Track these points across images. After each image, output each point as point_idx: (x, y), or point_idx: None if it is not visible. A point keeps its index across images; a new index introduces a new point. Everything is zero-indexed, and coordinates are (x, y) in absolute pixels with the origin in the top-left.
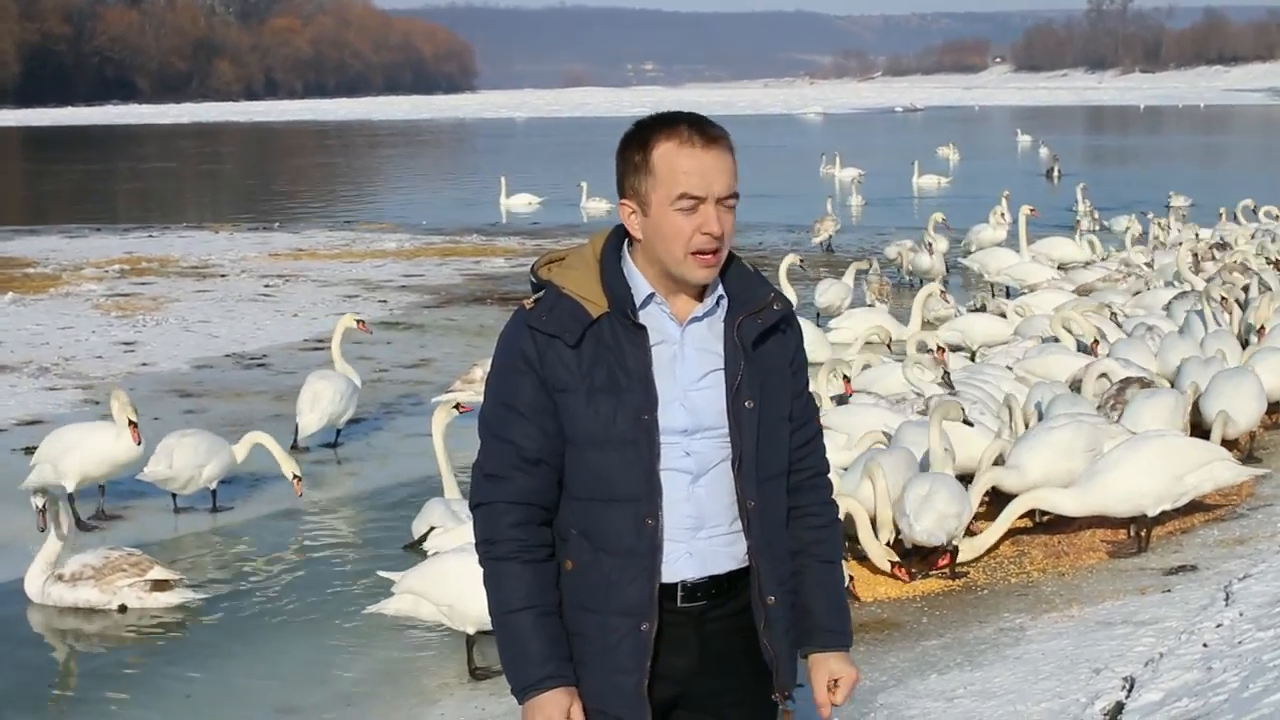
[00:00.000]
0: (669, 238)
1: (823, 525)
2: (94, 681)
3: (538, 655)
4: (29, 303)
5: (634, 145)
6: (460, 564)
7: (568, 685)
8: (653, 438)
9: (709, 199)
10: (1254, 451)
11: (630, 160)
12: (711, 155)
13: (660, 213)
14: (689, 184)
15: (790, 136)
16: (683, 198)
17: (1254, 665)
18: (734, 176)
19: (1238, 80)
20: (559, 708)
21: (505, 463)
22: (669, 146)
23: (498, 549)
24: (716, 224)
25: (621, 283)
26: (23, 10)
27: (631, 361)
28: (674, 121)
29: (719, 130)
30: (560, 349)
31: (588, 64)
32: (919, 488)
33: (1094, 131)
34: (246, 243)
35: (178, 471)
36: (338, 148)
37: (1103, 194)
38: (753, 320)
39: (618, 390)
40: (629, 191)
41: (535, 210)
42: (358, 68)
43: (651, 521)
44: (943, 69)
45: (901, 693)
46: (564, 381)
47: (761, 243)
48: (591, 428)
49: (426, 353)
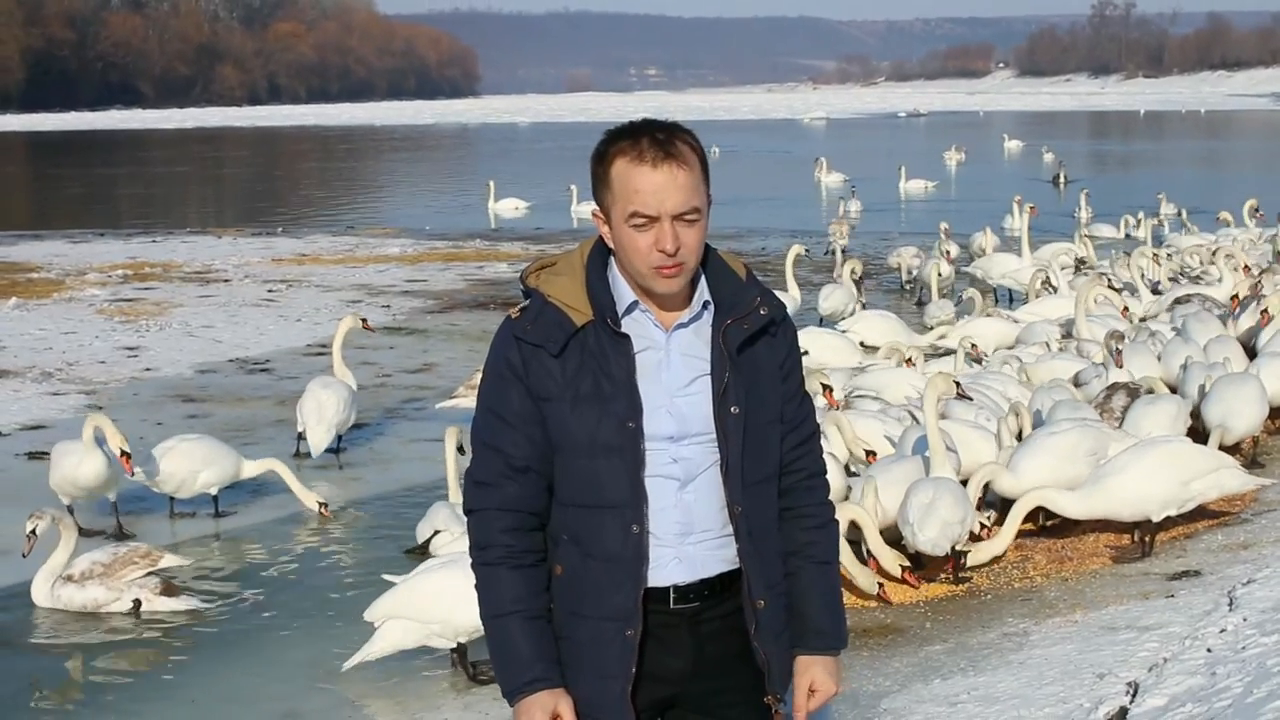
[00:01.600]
0: (629, 253)
1: (817, 526)
2: (97, 686)
3: (526, 657)
4: (32, 308)
5: (596, 158)
6: (444, 578)
7: (554, 687)
8: (637, 445)
9: (662, 217)
10: (1257, 457)
11: (594, 173)
12: (663, 173)
13: (619, 228)
14: (640, 203)
15: (793, 142)
16: (634, 215)
17: (1258, 670)
18: (691, 192)
19: (1241, 85)
20: (544, 710)
21: (495, 470)
22: (621, 164)
23: (489, 554)
24: (670, 242)
25: (605, 290)
26: (27, 15)
27: (615, 369)
28: (635, 134)
29: (679, 145)
30: (545, 358)
31: (591, 69)
32: (922, 494)
33: (1096, 137)
34: (250, 248)
35: (168, 475)
36: (341, 153)
37: (1110, 201)
38: (739, 325)
39: (602, 398)
40: (598, 203)
41: (522, 215)
42: (361, 73)
43: (637, 528)
44: (946, 74)
45: (905, 698)
46: (549, 390)
47: (764, 248)
48: (577, 436)
49: (429, 358)
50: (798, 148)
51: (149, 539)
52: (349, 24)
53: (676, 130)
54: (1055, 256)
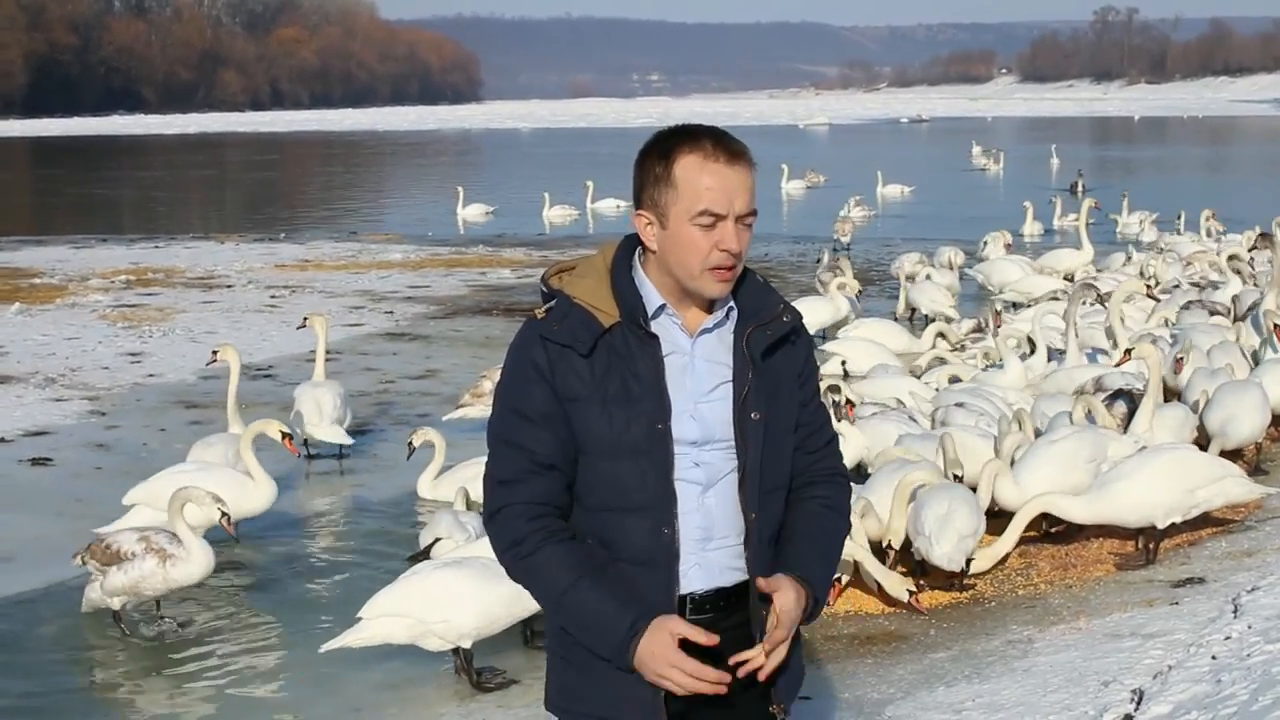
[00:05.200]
0: (686, 252)
1: (828, 506)
2: (99, 693)
3: (614, 610)
4: (35, 313)
5: (655, 157)
6: (446, 577)
7: (653, 618)
8: (667, 447)
9: (729, 216)
10: (1261, 464)
11: (650, 172)
12: (735, 172)
13: (679, 226)
14: (711, 200)
15: (798, 147)
16: (704, 214)
17: (1263, 678)
18: (754, 194)
19: (1244, 91)
20: (664, 643)
21: (518, 467)
22: (692, 160)
23: (524, 547)
24: (735, 241)
25: (633, 292)
26: (30, 21)
27: (644, 371)
28: (697, 135)
29: (741, 146)
30: (573, 359)
31: (593, 75)
32: (937, 505)
33: (1100, 143)
34: (253, 253)
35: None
36: (343, 158)
37: (1113, 206)
38: (762, 331)
39: (631, 400)
40: (646, 203)
41: (489, 220)
42: (364, 78)
43: (668, 531)
44: (948, 80)
45: (909, 705)
46: (576, 391)
47: (768, 254)
48: (605, 437)
49: (433, 364)
50: (801, 154)
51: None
52: (351, 29)
53: (731, 136)
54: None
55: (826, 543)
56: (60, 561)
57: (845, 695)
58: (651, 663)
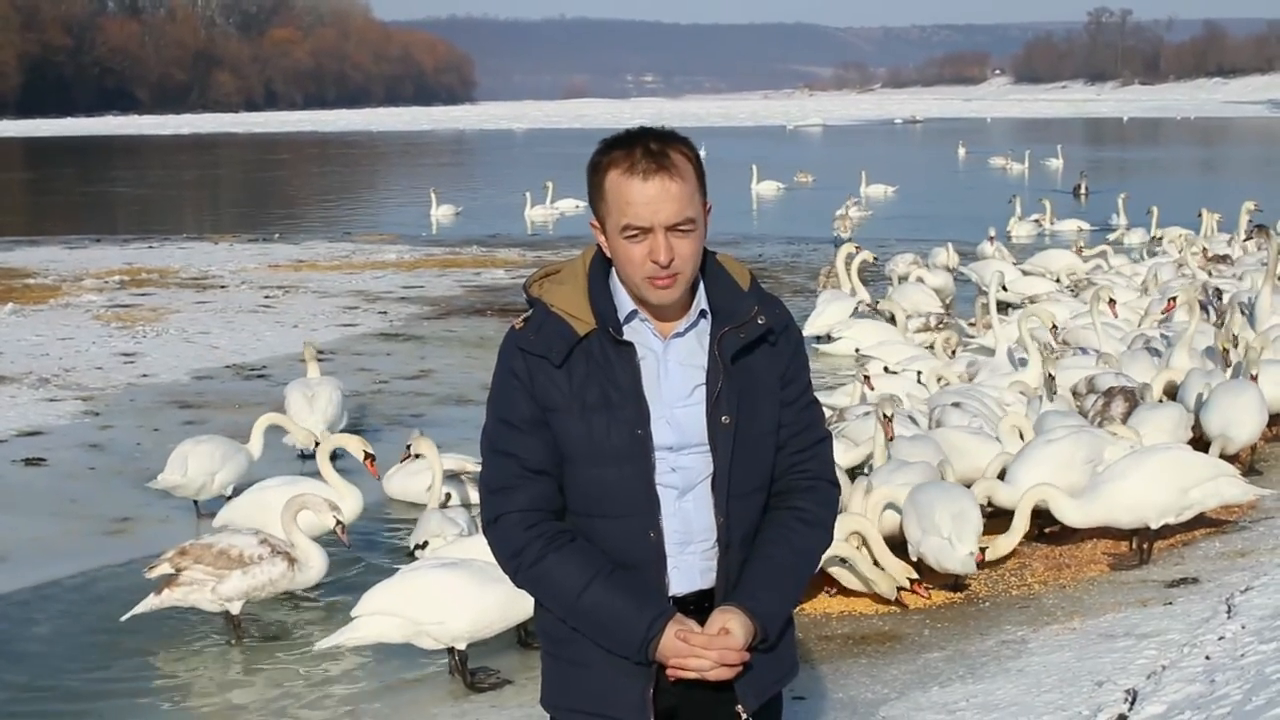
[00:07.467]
0: (623, 264)
1: (804, 521)
2: (93, 695)
3: (631, 609)
4: (29, 313)
5: (591, 169)
6: (441, 576)
7: (671, 615)
8: (648, 451)
9: (655, 229)
10: (1255, 464)
11: (589, 183)
12: (655, 185)
13: (614, 239)
14: (634, 215)
15: (791, 149)
16: (627, 228)
17: (1256, 678)
18: (685, 203)
19: (1237, 93)
20: (677, 642)
21: (510, 474)
22: (614, 175)
23: (526, 556)
24: (664, 253)
25: (607, 299)
26: (24, 21)
27: (621, 377)
28: (629, 144)
29: (672, 155)
30: (549, 369)
31: (588, 75)
32: (948, 504)
33: (1093, 144)
34: (246, 254)
35: (191, 479)
36: (337, 159)
37: (1112, 207)
38: (735, 334)
39: (610, 406)
40: (594, 213)
41: (457, 220)
42: (358, 79)
43: (654, 534)
44: (942, 81)
45: (903, 705)
46: (555, 401)
47: (761, 254)
48: (586, 444)
49: (426, 364)
50: (799, 155)
51: (168, 541)
52: (345, 30)
53: (671, 139)
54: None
55: (790, 565)
56: (54, 561)
57: (839, 695)
58: (674, 656)
